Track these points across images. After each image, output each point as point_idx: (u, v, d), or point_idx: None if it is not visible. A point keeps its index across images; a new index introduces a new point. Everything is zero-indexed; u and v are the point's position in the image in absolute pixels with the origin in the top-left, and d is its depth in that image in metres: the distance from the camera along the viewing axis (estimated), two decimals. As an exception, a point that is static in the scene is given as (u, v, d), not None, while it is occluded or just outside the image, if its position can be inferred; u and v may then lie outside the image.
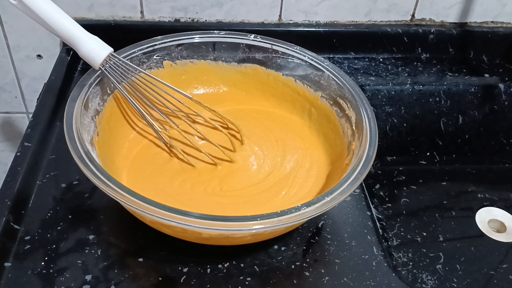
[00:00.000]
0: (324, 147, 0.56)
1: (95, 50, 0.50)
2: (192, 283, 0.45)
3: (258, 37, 0.59)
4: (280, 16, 0.72)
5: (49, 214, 0.49)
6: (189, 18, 0.71)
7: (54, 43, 0.72)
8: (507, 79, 0.72)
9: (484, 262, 0.57)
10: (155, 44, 0.57)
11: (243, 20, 0.72)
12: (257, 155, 0.55)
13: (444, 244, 0.58)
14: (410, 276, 0.54)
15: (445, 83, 0.71)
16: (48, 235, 0.47)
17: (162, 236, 0.46)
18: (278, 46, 0.58)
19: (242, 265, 0.47)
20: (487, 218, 0.62)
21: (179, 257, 0.47)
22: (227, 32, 0.59)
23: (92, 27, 0.53)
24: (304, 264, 0.47)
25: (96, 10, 0.69)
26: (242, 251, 0.47)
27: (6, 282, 0.43)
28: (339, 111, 0.55)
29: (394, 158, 0.70)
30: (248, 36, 0.59)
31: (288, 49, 0.58)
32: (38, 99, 0.63)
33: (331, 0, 0.71)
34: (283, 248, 0.48)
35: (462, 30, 0.75)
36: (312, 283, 0.46)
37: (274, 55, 0.58)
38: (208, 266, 0.46)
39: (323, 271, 0.47)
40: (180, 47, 0.58)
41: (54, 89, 0.63)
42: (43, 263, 0.45)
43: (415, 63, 0.75)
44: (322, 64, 0.56)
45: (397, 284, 0.46)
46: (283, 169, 0.54)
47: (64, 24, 0.49)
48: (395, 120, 0.70)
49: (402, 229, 0.60)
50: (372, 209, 0.54)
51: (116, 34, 0.67)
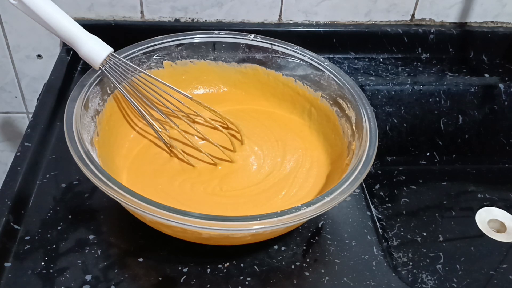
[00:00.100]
0: (324, 147, 0.56)
1: (95, 50, 0.50)
2: (192, 283, 0.45)
3: (258, 37, 0.59)
4: (280, 16, 0.72)
5: (49, 214, 0.49)
6: (189, 18, 0.71)
7: (54, 43, 0.72)
8: (507, 79, 0.72)
9: (484, 262, 0.57)
10: (155, 44, 0.57)
11: (243, 20, 0.72)
12: (257, 155, 0.55)
13: (444, 244, 0.58)
14: (410, 276, 0.54)
15: (445, 83, 0.71)
16: (48, 235, 0.47)
17: (162, 236, 0.46)
18: (278, 46, 0.58)
19: (242, 265, 0.47)
20: (487, 218, 0.62)
21: (179, 257, 0.47)
22: (227, 32, 0.59)
23: (92, 27, 0.53)
24: (304, 264, 0.47)
25: (96, 10, 0.69)
26: (242, 251, 0.47)
27: (6, 282, 0.43)
28: (339, 111, 0.55)
29: (394, 158, 0.70)
30: (248, 36, 0.59)
31: (288, 49, 0.58)
32: (38, 99, 0.63)
33: (331, 0, 0.71)
34: (283, 248, 0.48)
35: (462, 30, 0.75)
36: (312, 283, 0.46)
37: (274, 55, 0.58)
38: (208, 266, 0.46)
39: (323, 271, 0.47)
40: (180, 47, 0.58)
41: (54, 89, 0.63)
42: (43, 263, 0.45)
43: (415, 63, 0.75)
44: (322, 64, 0.56)
45: (397, 284, 0.46)
46: (283, 169, 0.54)
47: (64, 24, 0.49)
48: (395, 120, 0.70)
49: (402, 229, 0.60)
50: (372, 209, 0.54)
51: (116, 34, 0.67)
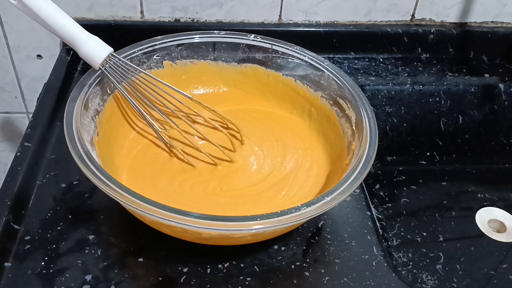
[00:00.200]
0: (324, 147, 0.56)
1: (95, 50, 0.50)
2: (192, 283, 0.45)
3: (258, 37, 0.59)
4: (280, 16, 0.72)
5: (49, 214, 0.49)
6: (189, 18, 0.71)
7: (54, 43, 0.72)
8: (507, 79, 0.72)
9: (484, 262, 0.57)
10: (155, 44, 0.57)
11: (243, 20, 0.72)
12: (257, 155, 0.55)
13: (444, 244, 0.58)
14: (410, 276, 0.54)
15: (445, 83, 0.71)
16: (48, 235, 0.47)
17: (162, 236, 0.46)
18: (278, 46, 0.58)
19: (242, 265, 0.47)
20: (487, 218, 0.62)
21: (179, 257, 0.47)
22: (227, 32, 0.59)
23: (92, 27, 0.53)
24: (304, 264, 0.47)
25: (96, 10, 0.69)
26: (242, 251, 0.47)
27: (6, 282, 0.43)
28: (339, 111, 0.55)
29: (394, 158, 0.70)
30: (248, 36, 0.59)
31: (288, 49, 0.58)
32: (38, 99, 0.63)
33: (331, 0, 0.71)
34: (283, 248, 0.48)
35: (462, 30, 0.75)
36: (312, 283, 0.46)
37: (274, 55, 0.58)
38: (208, 266, 0.46)
39: (323, 271, 0.47)
40: (180, 47, 0.58)
41: (54, 89, 0.63)
42: (43, 263, 0.45)
43: (415, 63, 0.75)
44: (322, 64, 0.56)
45: (397, 284, 0.46)
46: (283, 169, 0.54)
47: (64, 24, 0.49)
48: (395, 120, 0.70)
49: (402, 229, 0.60)
50: (372, 209, 0.54)
51: (116, 34, 0.67)
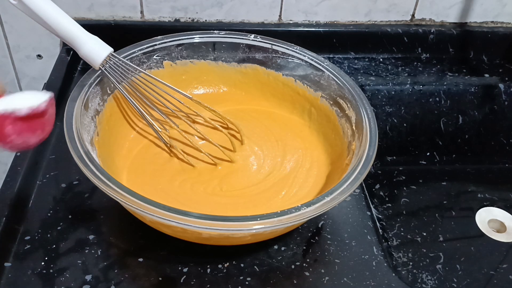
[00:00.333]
0: (324, 147, 0.56)
1: (95, 50, 0.50)
2: (192, 283, 0.45)
3: (258, 37, 0.59)
4: (280, 16, 0.72)
5: (49, 214, 0.49)
6: (189, 18, 0.71)
7: (54, 43, 0.72)
8: (507, 79, 0.72)
9: (484, 262, 0.57)
10: (155, 44, 0.57)
11: (243, 20, 0.72)
12: (257, 155, 0.55)
13: (444, 244, 0.58)
14: (410, 276, 0.54)
15: (445, 83, 0.71)
16: (48, 235, 0.47)
17: (162, 236, 0.46)
18: (278, 46, 0.58)
19: (242, 265, 0.47)
20: (487, 218, 0.62)
21: (179, 257, 0.47)
22: (227, 32, 0.59)
23: (92, 27, 0.53)
24: (304, 264, 0.47)
25: (96, 10, 0.69)
26: (242, 251, 0.47)
27: (6, 282, 0.43)
28: (339, 111, 0.55)
29: (394, 158, 0.70)
30: (248, 36, 0.59)
31: (288, 49, 0.58)
32: (38, 99, 0.63)
33: (331, 0, 0.71)
34: (283, 248, 0.48)
35: (462, 30, 0.75)
36: (312, 283, 0.46)
37: (274, 55, 0.58)
38: (208, 266, 0.46)
39: (323, 271, 0.47)
40: (180, 47, 0.58)
41: (54, 89, 0.63)
42: (43, 263, 0.45)
43: (415, 63, 0.75)
44: (322, 64, 0.56)
45: (397, 284, 0.46)
46: (283, 169, 0.54)
47: (64, 24, 0.49)
48: (395, 120, 0.70)
49: (402, 229, 0.60)
50: (372, 209, 0.54)
51: (116, 34, 0.67)
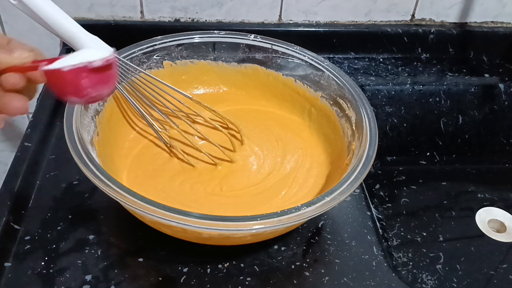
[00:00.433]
0: (324, 147, 0.56)
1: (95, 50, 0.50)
2: (192, 283, 0.45)
3: (258, 37, 0.59)
4: (280, 16, 0.72)
5: (49, 214, 0.49)
6: (189, 18, 0.71)
7: (54, 43, 0.72)
8: (507, 79, 0.72)
9: (484, 262, 0.57)
10: (155, 44, 0.57)
11: (243, 20, 0.72)
12: (257, 155, 0.55)
13: (444, 244, 0.58)
14: (410, 276, 0.54)
15: (445, 83, 0.70)
16: (48, 235, 0.47)
17: (162, 236, 0.46)
18: (278, 46, 0.58)
19: (242, 265, 0.47)
20: (487, 218, 0.62)
21: (179, 257, 0.47)
22: (227, 32, 0.59)
23: (92, 27, 0.53)
24: (304, 264, 0.47)
25: (96, 10, 0.69)
26: (242, 251, 0.47)
27: (6, 282, 0.43)
28: (339, 111, 0.55)
29: (394, 158, 0.70)
30: (248, 36, 0.59)
31: (288, 49, 0.58)
32: (38, 99, 0.63)
33: (331, 0, 0.71)
34: (283, 248, 0.48)
35: (462, 30, 0.75)
36: (312, 283, 0.46)
37: (274, 55, 0.58)
38: (208, 266, 0.46)
39: (323, 271, 0.47)
40: (180, 47, 0.58)
41: (54, 89, 0.63)
42: (43, 263, 0.45)
43: (415, 63, 0.75)
44: (322, 64, 0.56)
45: (397, 284, 0.46)
46: (283, 169, 0.54)
47: (64, 24, 0.48)
48: (395, 120, 0.70)
49: (402, 229, 0.60)
50: (372, 209, 0.54)
51: (116, 34, 0.67)
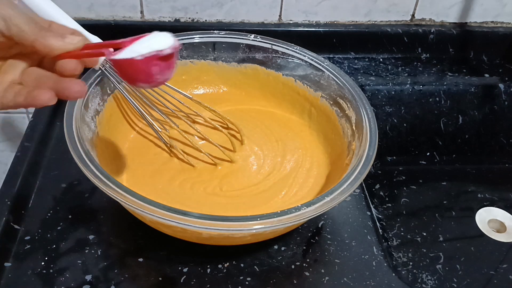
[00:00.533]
0: (324, 147, 0.56)
1: (95, 50, 0.50)
2: (192, 283, 0.45)
3: (258, 37, 0.59)
4: (280, 16, 0.72)
5: (49, 214, 0.49)
6: (189, 18, 0.71)
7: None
8: (507, 79, 0.72)
9: (484, 262, 0.57)
10: (155, 44, 0.57)
11: (243, 20, 0.72)
12: (257, 155, 0.55)
13: (444, 244, 0.58)
14: (410, 276, 0.54)
15: (445, 83, 0.70)
16: (48, 235, 0.47)
17: (162, 236, 0.46)
18: (278, 46, 0.58)
19: (242, 265, 0.47)
20: (487, 218, 0.62)
21: (179, 257, 0.47)
22: (227, 32, 0.59)
23: (92, 27, 0.53)
24: (304, 264, 0.47)
25: (96, 10, 0.69)
26: (242, 251, 0.47)
27: (6, 282, 0.43)
28: (339, 111, 0.55)
29: (394, 158, 0.70)
30: (248, 36, 0.59)
31: (288, 49, 0.58)
32: (38, 99, 0.63)
33: (331, 0, 0.71)
34: (283, 248, 0.48)
35: (462, 30, 0.75)
36: (312, 283, 0.46)
37: (274, 55, 0.58)
38: (208, 266, 0.46)
39: (323, 271, 0.47)
40: (180, 47, 0.58)
41: (54, 89, 0.63)
42: (43, 263, 0.45)
43: (415, 63, 0.75)
44: (322, 64, 0.56)
45: (397, 284, 0.46)
46: (283, 169, 0.54)
47: (64, 24, 0.49)
48: (395, 120, 0.70)
49: (402, 229, 0.60)
50: (372, 209, 0.54)
51: (116, 34, 0.67)
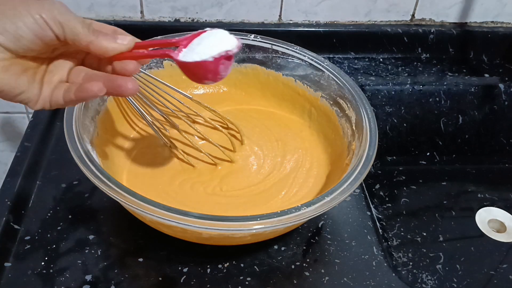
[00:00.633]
0: (324, 147, 0.56)
1: (95, 50, 0.50)
2: (192, 283, 0.45)
3: (258, 37, 0.59)
4: (280, 16, 0.72)
5: (49, 214, 0.49)
6: (189, 18, 0.71)
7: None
8: (507, 79, 0.72)
9: (484, 262, 0.57)
10: (155, 44, 0.57)
11: (243, 20, 0.72)
12: (257, 155, 0.55)
13: (444, 244, 0.58)
14: (410, 276, 0.54)
15: (445, 83, 0.70)
16: (48, 235, 0.47)
17: (162, 236, 0.46)
18: (278, 46, 0.58)
19: (242, 265, 0.47)
20: (487, 218, 0.62)
21: (179, 257, 0.47)
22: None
23: (92, 27, 0.53)
24: (304, 264, 0.47)
25: (96, 10, 0.69)
26: (242, 251, 0.47)
27: (6, 282, 0.43)
28: (339, 111, 0.55)
29: (394, 158, 0.70)
30: (248, 36, 0.59)
31: (288, 49, 0.58)
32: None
33: (331, 0, 0.71)
34: (283, 248, 0.48)
35: (462, 30, 0.75)
36: (312, 283, 0.46)
37: (274, 55, 0.58)
38: (208, 266, 0.46)
39: (323, 271, 0.47)
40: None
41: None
42: (43, 263, 0.45)
43: (415, 63, 0.75)
44: (322, 64, 0.56)
45: (397, 284, 0.46)
46: (283, 169, 0.54)
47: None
48: (395, 120, 0.70)
49: (402, 229, 0.60)
50: (372, 209, 0.54)
51: (116, 34, 0.67)
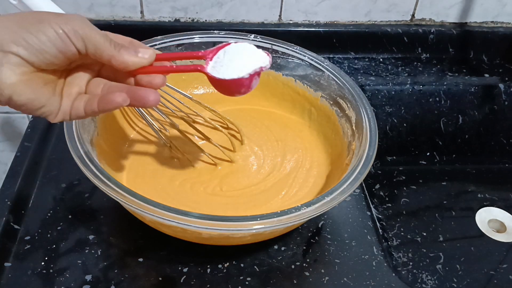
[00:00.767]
0: (324, 147, 0.56)
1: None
2: (192, 283, 0.45)
3: (258, 37, 0.59)
4: (280, 16, 0.72)
5: (49, 214, 0.49)
6: (189, 18, 0.71)
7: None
8: (507, 79, 0.72)
9: (484, 262, 0.56)
10: (155, 44, 0.57)
11: (243, 20, 0.72)
12: (257, 155, 0.55)
13: (444, 244, 0.58)
14: (410, 276, 0.54)
15: (445, 83, 0.70)
16: (48, 235, 0.47)
17: (162, 236, 0.46)
18: (278, 46, 0.58)
19: (242, 265, 0.47)
20: (487, 218, 0.62)
21: (179, 257, 0.47)
22: (227, 32, 0.59)
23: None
24: (304, 264, 0.47)
25: (96, 10, 0.69)
26: (242, 251, 0.47)
27: (6, 282, 0.43)
28: (339, 111, 0.55)
29: (394, 158, 0.70)
30: (248, 36, 0.59)
31: (288, 49, 0.58)
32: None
33: (331, 0, 0.71)
34: (283, 248, 0.48)
35: (462, 30, 0.75)
36: (312, 283, 0.46)
37: (274, 55, 0.58)
38: (208, 266, 0.46)
39: (323, 271, 0.47)
40: (180, 47, 0.58)
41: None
42: (43, 263, 0.45)
43: (415, 63, 0.75)
44: (322, 64, 0.56)
45: (397, 284, 0.46)
46: (283, 169, 0.54)
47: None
48: (395, 120, 0.70)
49: (402, 229, 0.60)
50: (372, 209, 0.54)
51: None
